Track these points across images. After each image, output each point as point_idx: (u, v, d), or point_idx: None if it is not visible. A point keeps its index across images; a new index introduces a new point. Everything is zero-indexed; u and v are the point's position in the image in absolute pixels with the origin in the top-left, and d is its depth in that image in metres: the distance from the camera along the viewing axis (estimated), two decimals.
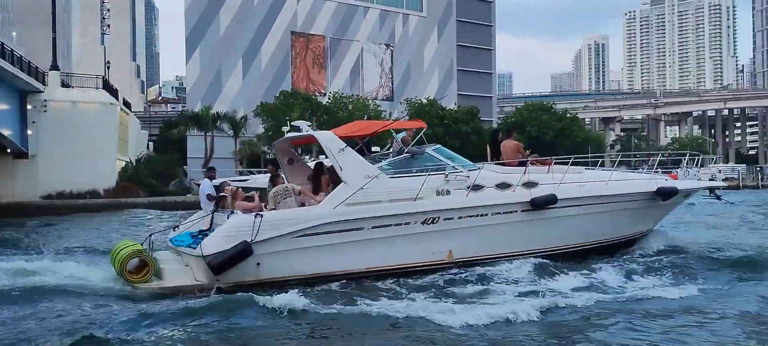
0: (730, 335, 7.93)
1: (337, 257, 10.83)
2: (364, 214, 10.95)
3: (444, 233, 11.53)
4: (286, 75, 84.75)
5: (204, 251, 10.15)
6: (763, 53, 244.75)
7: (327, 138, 11.56)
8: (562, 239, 12.70)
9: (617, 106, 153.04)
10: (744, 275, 11.61)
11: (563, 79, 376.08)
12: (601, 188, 13.10)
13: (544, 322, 8.49)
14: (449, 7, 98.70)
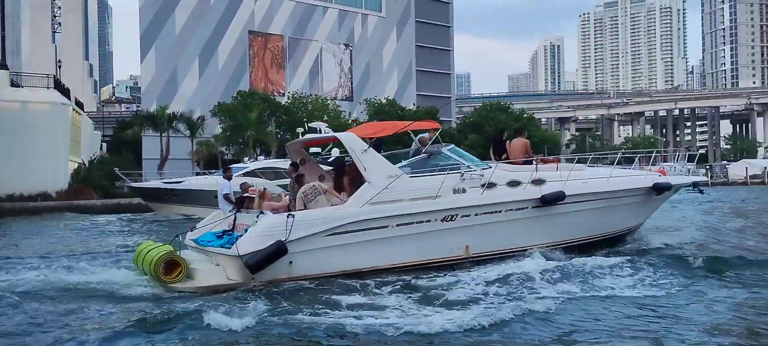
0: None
1: (364, 254, 11.18)
2: (388, 212, 11.34)
3: (461, 229, 11.99)
4: (244, 75, 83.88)
5: (240, 251, 10.34)
6: (712, 55, 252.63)
7: (350, 139, 12.03)
8: (569, 233, 13.31)
9: (572, 107, 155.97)
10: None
11: (520, 80, 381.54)
12: (603, 184, 13.83)
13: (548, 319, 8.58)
14: (408, 8, 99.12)
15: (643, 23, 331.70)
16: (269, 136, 58.66)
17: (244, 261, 10.27)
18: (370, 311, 8.70)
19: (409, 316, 8.49)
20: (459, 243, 12.02)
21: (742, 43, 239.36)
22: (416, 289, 10.33)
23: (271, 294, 9.85)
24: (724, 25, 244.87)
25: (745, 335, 7.67)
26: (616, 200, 14.03)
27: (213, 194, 30.61)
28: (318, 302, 9.28)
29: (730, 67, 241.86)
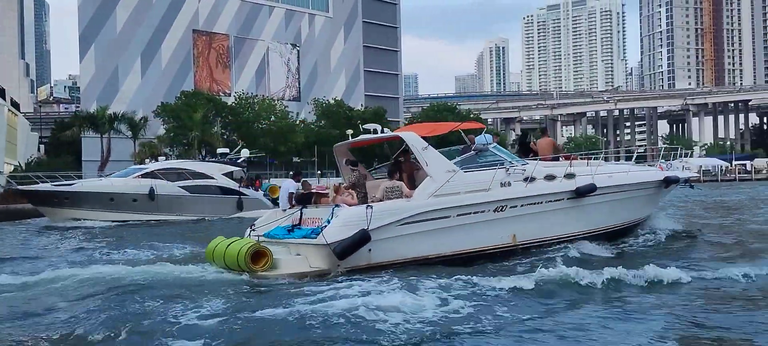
0: None
1: (430, 242, 12.15)
2: (449, 204, 12.33)
3: (509, 219, 13.07)
4: (188, 74, 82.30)
5: (328, 239, 11.18)
6: (650, 57, 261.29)
7: (412, 138, 13.08)
8: (597, 222, 14.54)
9: (517, 107, 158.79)
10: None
11: (467, 81, 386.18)
12: (625, 177, 15.20)
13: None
14: (355, 9, 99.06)
15: (584, 26, 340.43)
16: (215, 136, 57.67)
17: (333, 249, 11.14)
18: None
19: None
20: (508, 232, 13.09)
21: (678, 45, 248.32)
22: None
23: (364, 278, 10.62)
24: (661, 28, 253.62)
25: None
26: (636, 192, 15.48)
27: (108, 196, 29.68)
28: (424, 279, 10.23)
29: (666, 68, 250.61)
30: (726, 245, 15.02)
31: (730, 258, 12.75)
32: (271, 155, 65.11)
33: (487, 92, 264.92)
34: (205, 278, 11.18)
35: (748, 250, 14.15)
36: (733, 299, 9.19)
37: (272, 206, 32.42)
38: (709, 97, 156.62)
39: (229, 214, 30.60)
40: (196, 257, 13.86)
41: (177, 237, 19.96)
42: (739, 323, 7.89)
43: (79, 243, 20.03)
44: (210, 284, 10.60)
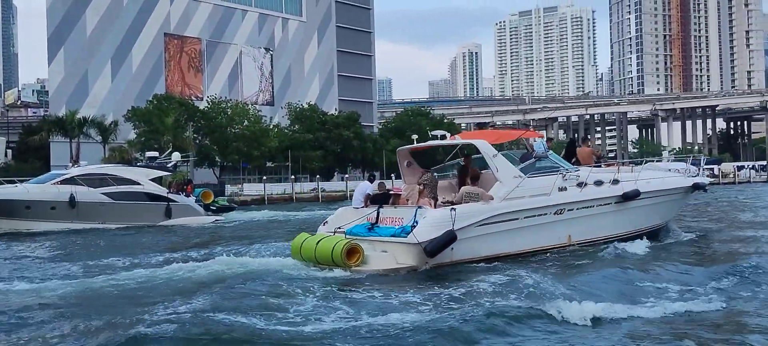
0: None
1: (502, 241, 13.18)
2: (519, 207, 13.41)
3: (566, 221, 14.22)
4: (160, 78, 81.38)
5: (418, 239, 11.96)
6: (620, 63, 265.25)
7: (483, 145, 14.03)
8: (638, 224, 15.77)
9: (490, 113, 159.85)
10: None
11: (440, 86, 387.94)
12: (662, 182, 16.61)
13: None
14: (329, 13, 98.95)
15: (555, 32, 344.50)
16: (187, 141, 57.08)
17: (423, 247, 11.93)
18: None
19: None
20: (565, 233, 14.26)
21: (648, 52, 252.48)
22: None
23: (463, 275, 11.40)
24: (630, 34, 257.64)
25: None
26: (670, 196, 16.90)
27: (24, 204, 27.43)
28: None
29: (636, 74, 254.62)
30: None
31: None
32: (245, 160, 64.67)
33: (460, 97, 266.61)
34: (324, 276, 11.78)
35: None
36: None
37: (204, 213, 31.60)
38: (678, 102, 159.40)
39: (156, 221, 28.92)
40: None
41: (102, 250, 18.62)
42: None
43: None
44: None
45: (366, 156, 76.64)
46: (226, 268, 12.63)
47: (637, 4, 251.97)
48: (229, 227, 27.41)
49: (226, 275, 11.77)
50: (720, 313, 8.50)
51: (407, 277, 11.60)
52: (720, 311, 8.58)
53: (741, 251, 14.31)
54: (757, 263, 11.75)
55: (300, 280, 11.00)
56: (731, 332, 7.60)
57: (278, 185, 62.89)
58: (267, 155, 66.39)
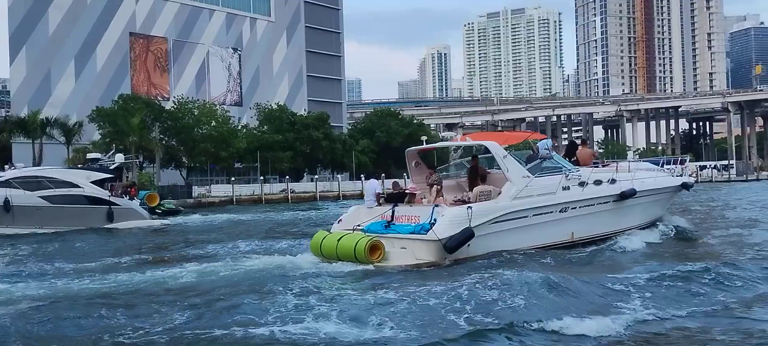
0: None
1: (512, 238, 13.67)
2: (528, 205, 14.03)
3: (570, 219, 14.89)
4: (125, 78, 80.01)
5: (439, 236, 12.54)
6: (586, 64, 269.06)
7: (494, 146, 14.57)
8: (633, 221, 16.57)
9: (459, 113, 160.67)
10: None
11: (409, 87, 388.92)
12: (655, 182, 17.42)
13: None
14: (297, 13, 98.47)
15: (523, 34, 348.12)
16: (153, 142, 56.24)
17: (444, 244, 12.53)
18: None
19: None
20: (568, 230, 14.90)
21: (613, 53, 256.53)
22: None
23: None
24: (596, 36, 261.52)
25: None
26: (662, 195, 17.91)
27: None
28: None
29: (601, 75, 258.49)
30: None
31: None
32: (213, 161, 63.95)
33: (429, 98, 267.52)
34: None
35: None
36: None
37: (149, 216, 30.58)
38: (642, 103, 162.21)
39: (97, 225, 27.82)
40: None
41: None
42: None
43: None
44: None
45: (336, 157, 76.44)
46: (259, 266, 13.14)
47: (603, 7, 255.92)
48: (176, 232, 26.54)
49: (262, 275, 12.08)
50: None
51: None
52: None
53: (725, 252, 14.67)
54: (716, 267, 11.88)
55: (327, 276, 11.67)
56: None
57: (247, 186, 62.38)
58: (235, 156, 65.75)
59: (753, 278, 10.80)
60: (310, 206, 50.37)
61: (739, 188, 64.96)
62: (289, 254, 14.74)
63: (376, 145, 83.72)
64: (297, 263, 13.26)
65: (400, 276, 11.54)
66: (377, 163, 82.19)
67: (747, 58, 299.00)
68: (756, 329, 7.76)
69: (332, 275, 11.69)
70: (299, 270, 12.35)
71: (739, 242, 16.38)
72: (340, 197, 61.93)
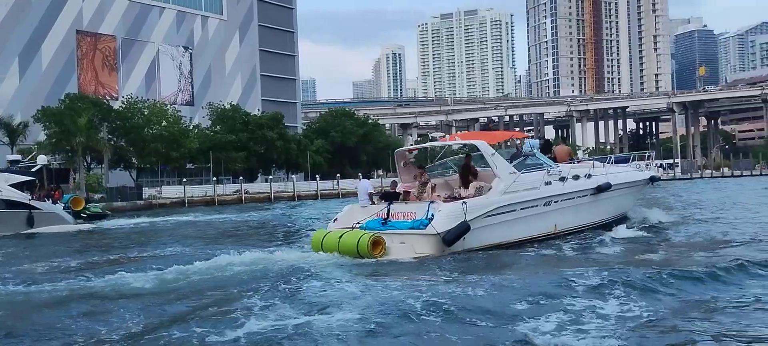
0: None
1: (502, 230, 14.47)
2: (515, 199, 14.75)
3: (553, 212, 15.67)
4: (72, 77, 77.82)
5: (438, 230, 13.19)
6: (537, 65, 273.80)
7: (483, 145, 15.42)
8: (607, 213, 17.66)
9: (414, 113, 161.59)
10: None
11: (364, 86, 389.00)
12: (626, 176, 18.59)
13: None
14: (250, 12, 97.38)
15: (476, 35, 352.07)
16: (101, 143, 54.80)
17: (442, 237, 13.17)
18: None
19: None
20: (552, 222, 15.70)
21: (563, 55, 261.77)
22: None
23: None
24: (547, 38, 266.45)
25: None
26: (633, 188, 19.13)
27: None
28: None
29: (552, 76, 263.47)
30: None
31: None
32: (163, 162, 62.70)
33: (384, 98, 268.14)
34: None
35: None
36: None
37: (73, 221, 29.01)
38: (591, 104, 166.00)
39: (16, 230, 26.15)
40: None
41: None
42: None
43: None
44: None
45: (290, 157, 75.91)
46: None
47: (553, 9, 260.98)
48: (98, 236, 24.99)
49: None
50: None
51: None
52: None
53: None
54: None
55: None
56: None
57: (199, 187, 61.37)
58: (187, 157, 64.62)
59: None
60: (264, 205, 49.85)
61: (683, 186, 66.95)
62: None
63: (331, 145, 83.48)
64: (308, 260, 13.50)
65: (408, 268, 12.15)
66: (332, 163, 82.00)
67: (691, 60, 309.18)
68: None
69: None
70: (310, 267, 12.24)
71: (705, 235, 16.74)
72: (295, 198, 61.50)
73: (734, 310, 8.10)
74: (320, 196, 63.30)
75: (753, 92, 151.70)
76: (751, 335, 6.90)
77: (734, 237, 15.59)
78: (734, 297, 8.78)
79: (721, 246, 14.07)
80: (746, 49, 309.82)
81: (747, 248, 13.54)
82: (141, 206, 50.38)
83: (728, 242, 14.79)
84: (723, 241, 15.00)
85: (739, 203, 30.14)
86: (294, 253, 14.53)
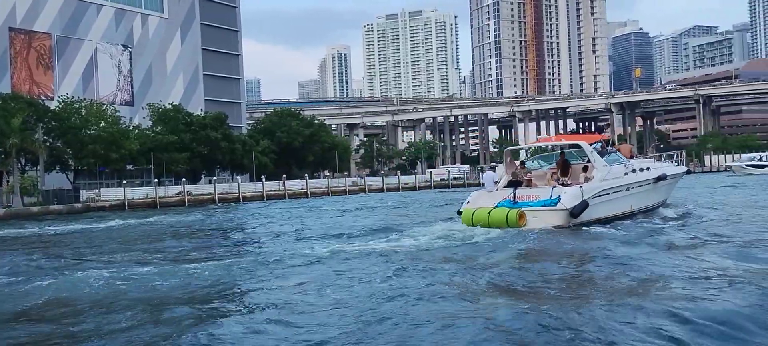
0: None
1: (602, 208, 18.41)
2: (610, 185, 18.90)
3: (630, 196, 19.94)
4: (5, 76, 74.74)
5: (567, 206, 17.21)
6: (481, 66, 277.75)
7: (585, 145, 19.98)
8: (659, 198, 22.36)
9: (360, 113, 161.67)
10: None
11: (310, 87, 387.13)
12: (671, 169, 23.59)
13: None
14: (192, 10, 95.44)
15: (421, 36, 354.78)
16: (36, 144, 52.81)
17: (570, 211, 17.18)
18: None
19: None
20: (629, 204, 19.91)
21: (505, 56, 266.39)
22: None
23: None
24: (489, 39, 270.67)
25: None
26: (675, 179, 24.26)
27: None
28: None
29: (495, 77, 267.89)
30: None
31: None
32: (102, 163, 60.82)
33: (330, 98, 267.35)
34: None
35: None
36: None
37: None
38: (533, 104, 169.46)
39: None
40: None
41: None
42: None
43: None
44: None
45: (235, 158, 74.79)
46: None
47: (496, 11, 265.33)
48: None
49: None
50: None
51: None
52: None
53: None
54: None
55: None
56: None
57: (140, 189, 59.79)
58: (127, 158, 62.85)
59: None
60: (207, 207, 48.98)
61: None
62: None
63: (276, 145, 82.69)
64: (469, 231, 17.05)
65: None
66: (278, 163, 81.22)
67: (628, 62, 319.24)
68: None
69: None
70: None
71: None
72: (241, 199, 60.66)
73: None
74: (266, 197, 62.62)
75: (686, 93, 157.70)
76: None
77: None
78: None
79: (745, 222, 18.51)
80: (680, 52, 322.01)
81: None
82: (78, 209, 48.80)
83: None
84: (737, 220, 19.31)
85: (698, 194, 34.94)
86: (455, 224, 18.52)
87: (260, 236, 21.25)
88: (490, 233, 16.12)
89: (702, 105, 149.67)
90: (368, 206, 39.63)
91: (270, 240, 19.44)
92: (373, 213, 32.57)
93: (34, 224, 34.91)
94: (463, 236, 16.21)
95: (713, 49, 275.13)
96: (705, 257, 11.76)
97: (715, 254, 11.95)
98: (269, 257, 14.34)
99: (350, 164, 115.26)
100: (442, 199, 44.81)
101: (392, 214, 31.06)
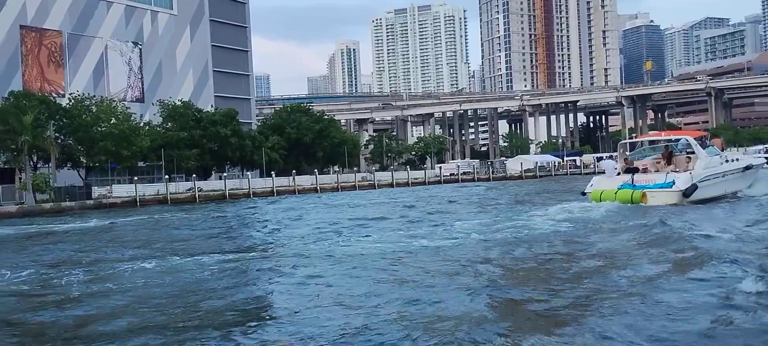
0: None
1: (705, 191, 22.70)
2: (711, 173, 23.40)
3: (724, 181, 24.51)
4: (16, 74, 75.20)
5: (681, 188, 22.03)
6: (490, 60, 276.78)
7: (690, 139, 25.27)
8: (745, 184, 26.63)
9: (369, 109, 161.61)
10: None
11: (319, 82, 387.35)
12: (753, 160, 28.43)
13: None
14: (201, 7, 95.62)
15: (430, 30, 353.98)
16: (48, 141, 53.14)
17: (683, 192, 21.96)
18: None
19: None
20: (724, 188, 24.38)
21: (515, 50, 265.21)
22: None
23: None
24: (499, 33, 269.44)
25: None
26: (758, 168, 28.24)
27: None
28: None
29: (505, 71, 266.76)
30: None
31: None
32: (114, 160, 61.15)
33: (339, 93, 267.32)
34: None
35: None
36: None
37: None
38: (543, 98, 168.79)
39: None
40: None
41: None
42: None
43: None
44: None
45: (245, 154, 74.98)
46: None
47: (505, 5, 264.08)
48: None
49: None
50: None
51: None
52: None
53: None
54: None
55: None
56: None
57: (151, 186, 60.06)
58: (138, 155, 63.12)
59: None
60: (216, 203, 49.16)
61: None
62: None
63: (286, 141, 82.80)
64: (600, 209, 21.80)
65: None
66: (288, 159, 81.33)
67: (639, 54, 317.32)
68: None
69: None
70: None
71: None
72: (251, 195, 60.82)
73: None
74: (276, 193, 62.77)
75: (698, 86, 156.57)
76: None
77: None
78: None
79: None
80: (691, 44, 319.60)
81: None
82: (90, 206, 49.08)
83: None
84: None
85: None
86: (582, 203, 23.51)
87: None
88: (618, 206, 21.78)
89: (714, 98, 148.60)
90: (429, 199, 39.36)
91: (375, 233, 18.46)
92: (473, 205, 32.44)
93: (62, 220, 35.01)
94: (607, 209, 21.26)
95: (725, 41, 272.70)
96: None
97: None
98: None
99: (360, 160, 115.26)
100: (466, 194, 44.54)
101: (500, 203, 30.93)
